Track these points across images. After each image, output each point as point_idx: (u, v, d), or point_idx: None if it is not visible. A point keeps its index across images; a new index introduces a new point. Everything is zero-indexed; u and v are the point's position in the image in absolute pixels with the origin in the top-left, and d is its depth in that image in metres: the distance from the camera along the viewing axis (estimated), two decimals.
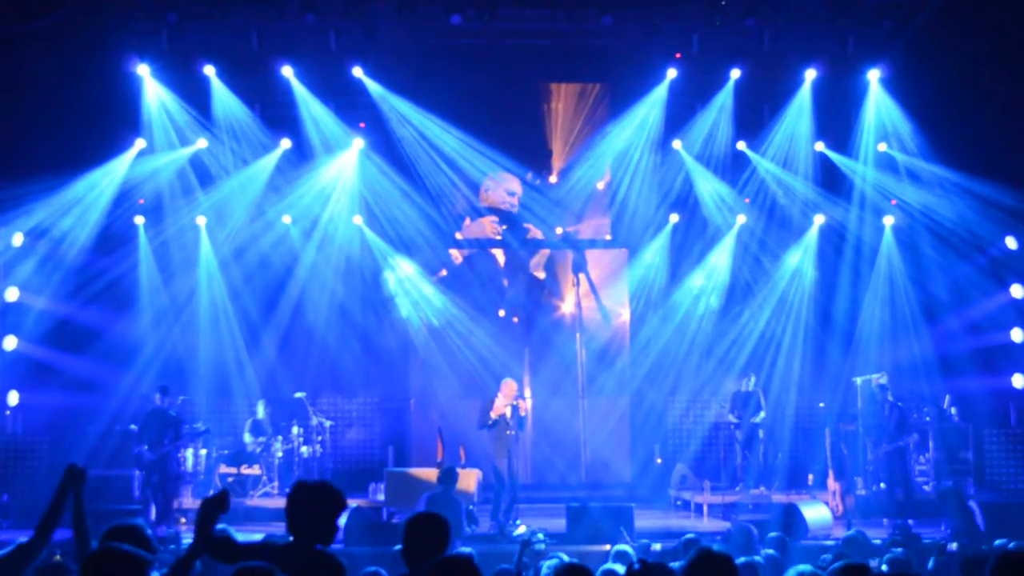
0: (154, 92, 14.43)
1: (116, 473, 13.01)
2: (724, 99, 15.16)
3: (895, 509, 12.62)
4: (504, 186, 16.34)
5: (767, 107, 15.53)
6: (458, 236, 16.33)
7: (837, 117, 15.36)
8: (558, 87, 16.25)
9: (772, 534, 8.58)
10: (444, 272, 16.44)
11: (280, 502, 4.59)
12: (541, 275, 16.76)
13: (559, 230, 16.48)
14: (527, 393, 15.72)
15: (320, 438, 14.68)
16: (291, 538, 4.46)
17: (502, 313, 16.43)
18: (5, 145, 13.22)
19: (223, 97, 14.65)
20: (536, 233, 16.54)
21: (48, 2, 12.90)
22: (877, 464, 13.43)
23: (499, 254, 16.73)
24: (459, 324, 15.96)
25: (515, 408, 12.31)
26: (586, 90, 16.29)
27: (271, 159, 15.10)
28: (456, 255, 16.58)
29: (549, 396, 16.07)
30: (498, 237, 16.52)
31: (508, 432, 12.27)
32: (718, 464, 15.11)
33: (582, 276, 16.53)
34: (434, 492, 11.10)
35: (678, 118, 15.51)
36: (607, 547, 9.27)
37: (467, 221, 16.42)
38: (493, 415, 12.31)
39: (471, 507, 11.68)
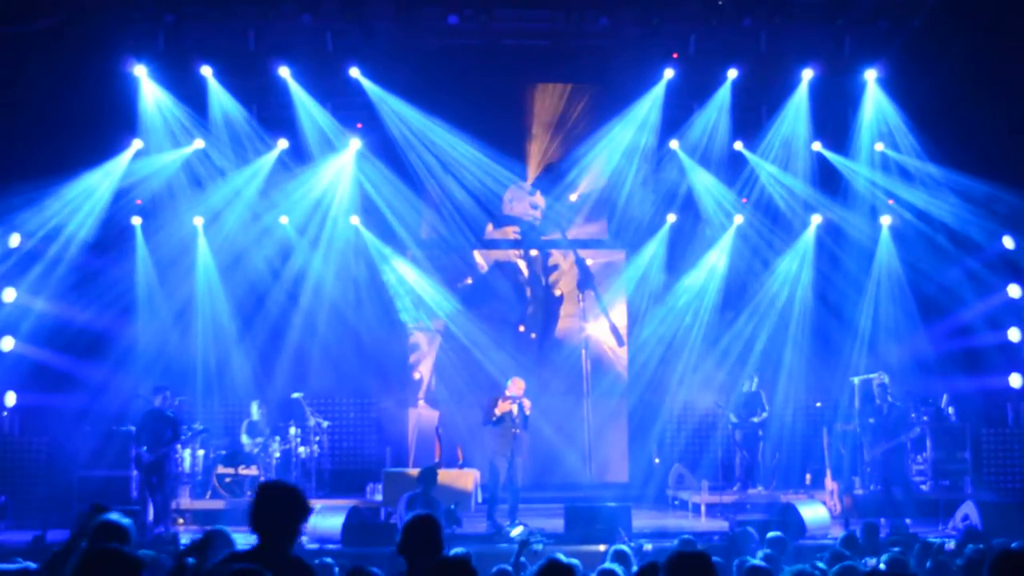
0: (151, 93, 14.42)
1: (114, 474, 13.02)
2: (721, 99, 15.15)
3: (893, 508, 12.62)
4: (529, 199, 16.32)
5: (764, 107, 15.57)
6: (486, 236, 16.28)
7: (834, 117, 15.39)
8: (557, 87, 16.24)
9: (770, 534, 8.60)
10: (469, 280, 16.38)
11: None
12: (558, 292, 16.66)
13: (556, 235, 16.47)
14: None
15: (318, 438, 14.66)
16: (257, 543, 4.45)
17: (522, 328, 16.37)
18: (2, 146, 13.21)
19: (220, 98, 14.65)
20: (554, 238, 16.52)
21: (46, 3, 12.89)
22: (874, 464, 13.43)
23: (523, 265, 16.65)
24: (463, 328, 15.91)
25: (521, 406, 12.25)
26: (585, 90, 16.26)
27: (268, 159, 15.09)
28: (482, 263, 16.54)
29: (550, 397, 16.00)
30: (518, 254, 16.44)
31: (514, 431, 12.18)
32: (716, 464, 15.11)
33: (589, 293, 16.45)
34: (414, 492, 11.05)
35: (675, 118, 15.51)
36: (603, 547, 9.27)
37: (489, 227, 16.36)
38: (498, 412, 12.25)
39: (452, 507, 11.60)
